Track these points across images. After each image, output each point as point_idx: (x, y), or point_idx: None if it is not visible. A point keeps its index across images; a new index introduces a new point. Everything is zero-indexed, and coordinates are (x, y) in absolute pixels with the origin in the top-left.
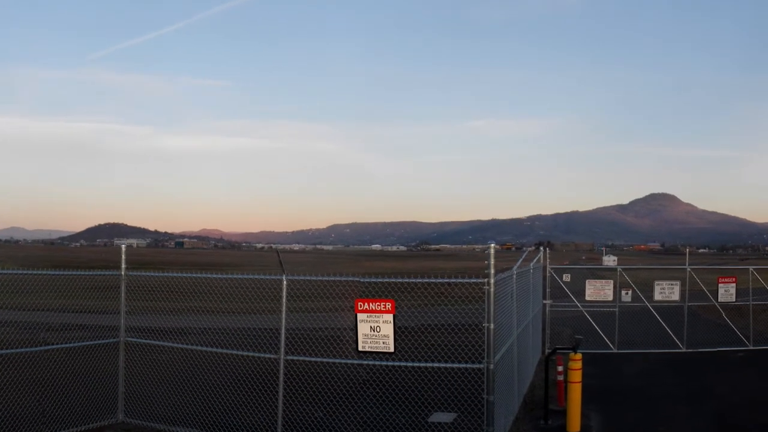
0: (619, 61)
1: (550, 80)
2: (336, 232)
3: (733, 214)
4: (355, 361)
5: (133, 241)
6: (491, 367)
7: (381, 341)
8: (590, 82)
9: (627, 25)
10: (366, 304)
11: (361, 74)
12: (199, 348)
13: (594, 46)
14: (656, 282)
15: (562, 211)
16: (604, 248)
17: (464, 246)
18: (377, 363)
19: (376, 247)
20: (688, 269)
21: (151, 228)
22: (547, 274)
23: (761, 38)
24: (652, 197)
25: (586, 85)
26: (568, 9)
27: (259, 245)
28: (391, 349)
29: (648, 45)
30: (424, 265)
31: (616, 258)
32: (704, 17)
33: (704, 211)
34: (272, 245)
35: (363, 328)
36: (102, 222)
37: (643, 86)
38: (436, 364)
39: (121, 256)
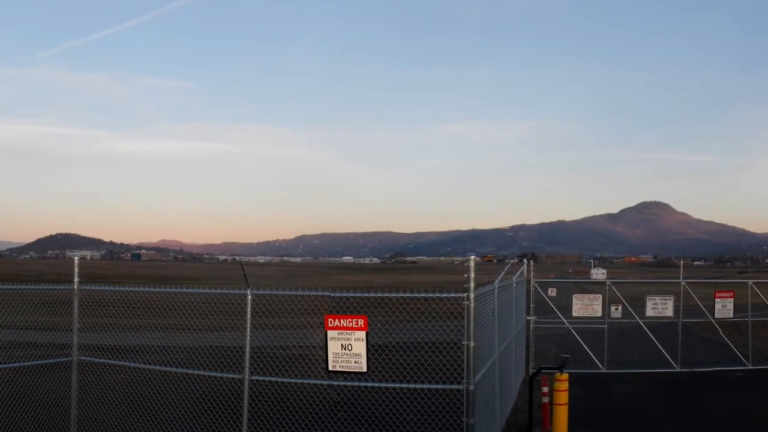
0: (608, 60)
1: (534, 81)
2: (304, 243)
3: (730, 224)
4: (325, 382)
5: (87, 253)
6: (471, 388)
7: (353, 360)
8: (577, 82)
9: (616, 22)
10: (337, 320)
11: (330, 74)
12: (158, 368)
13: (581, 44)
14: (648, 297)
15: (547, 220)
16: (592, 260)
17: (442, 258)
18: (349, 384)
19: (348, 259)
20: (683, 283)
21: (106, 239)
22: (531, 289)
23: (763, 34)
24: (644, 206)
25: (572, 85)
26: (553, 5)
27: (222, 257)
28: (364, 369)
29: (639, 42)
30: (399, 279)
31: (605, 271)
32: (700, 12)
33: (700, 221)
34: (236, 257)
35: (333, 347)
36: (53, 232)
37: (634, 86)
38: (411, 385)
39: (73, 269)
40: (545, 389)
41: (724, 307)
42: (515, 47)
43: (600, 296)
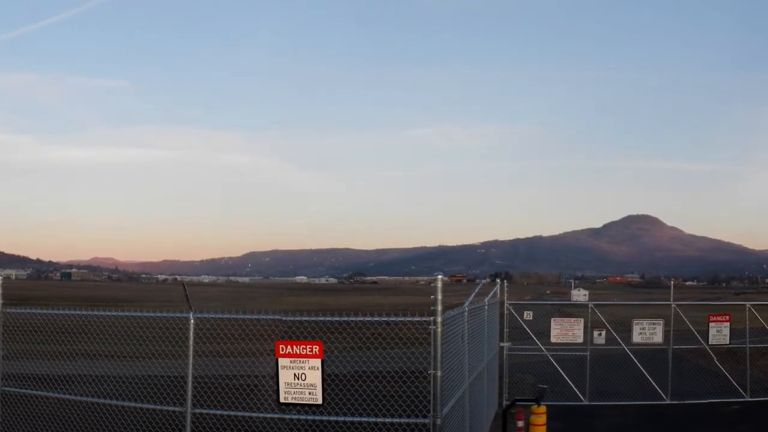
0: (590, 59)
1: (508, 81)
2: (253, 261)
3: (726, 240)
4: (276, 415)
5: (11, 272)
6: (438, 421)
7: (307, 391)
8: (556, 83)
9: (599, 18)
10: (289, 347)
11: (282, 74)
12: (90, 399)
13: (561, 41)
14: (635, 321)
15: (522, 236)
16: (573, 280)
17: (406, 278)
18: (302, 417)
19: (302, 278)
20: (673, 305)
21: (33, 256)
22: (505, 312)
23: (763, 30)
24: (631, 220)
25: (551, 86)
26: None
27: (162, 277)
28: (319, 401)
29: (625, 39)
30: (358, 301)
31: (587, 292)
32: (693, 7)
33: (692, 237)
34: (177, 277)
35: (285, 376)
36: None
37: (620, 88)
38: (373, 419)
39: None
40: (520, 423)
41: (720, 333)
42: (488, 44)
43: (581, 320)
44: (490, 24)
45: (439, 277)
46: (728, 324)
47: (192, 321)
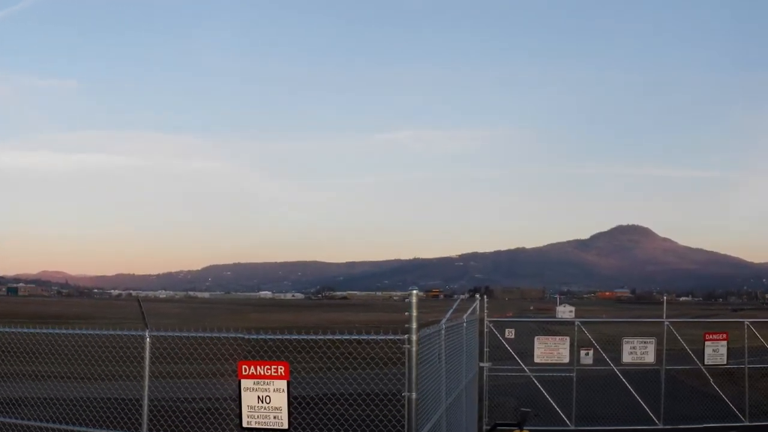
0: (578, 58)
1: (490, 81)
2: (214, 274)
3: (723, 252)
4: None
5: None
6: None
7: (272, 415)
8: (542, 84)
9: (589, 15)
10: (252, 367)
11: (245, 73)
12: (38, 424)
13: (547, 39)
14: (625, 339)
15: (504, 248)
16: (558, 296)
17: (379, 293)
18: None
19: (266, 294)
20: (666, 323)
21: None
22: (486, 330)
23: (760, 29)
24: (620, 230)
25: (536, 87)
26: None
27: (115, 292)
28: (285, 426)
29: (615, 36)
30: (327, 318)
31: (573, 308)
32: (687, 5)
33: (687, 249)
34: (132, 292)
35: (249, 399)
36: None
37: (609, 89)
38: None
39: None
40: None
41: (716, 352)
42: (467, 41)
43: (567, 339)
44: (469, 20)
45: (414, 292)
46: (725, 343)
47: (148, 339)
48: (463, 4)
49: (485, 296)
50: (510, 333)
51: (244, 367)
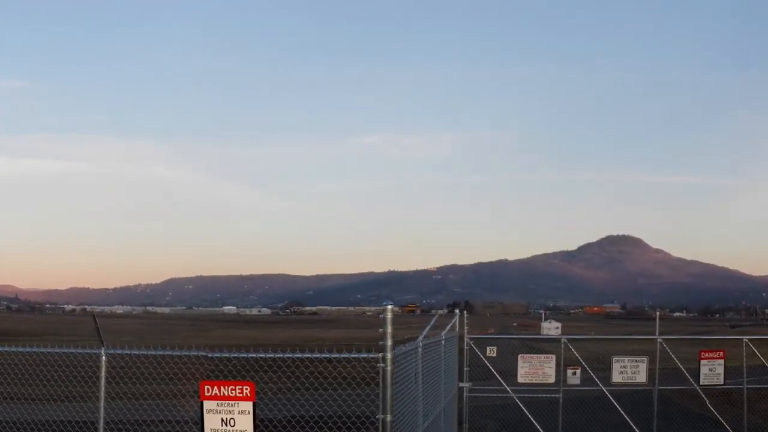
0: (565, 56)
1: (470, 81)
2: (174, 288)
3: (720, 265)
4: None
5: None
6: None
7: None
8: (526, 84)
9: (577, 11)
10: (216, 388)
11: (207, 72)
12: None
13: (532, 36)
14: (615, 358)
15: (485, 260)
16: (543, 311)
17: (351, 308)
18: None
19: (230, 309)
20: (659, 340)
21: None
22: (466, 347)
23: (760, 27)
24: (610, 241)
25: (520, 88)
26: None
27: (69, 307)
28: None
29: (605, 32)
30: (295, 335)
31: (559, 324)
32: (681, 2)
33: (681, 260)
34: (86, 307)
35: (212, 422)
36: None
37: (598, 89)
38: None
39: None
40: None
41: (712, 371)
42: (446, 38)
43: (553, 357)
44: (448, 16)
45: (389, 307)
46: (722, 361)
47: (104, 358)
48: (442, 2)
49: (465, 311)
50: (492, 351)
51: (206, 387)
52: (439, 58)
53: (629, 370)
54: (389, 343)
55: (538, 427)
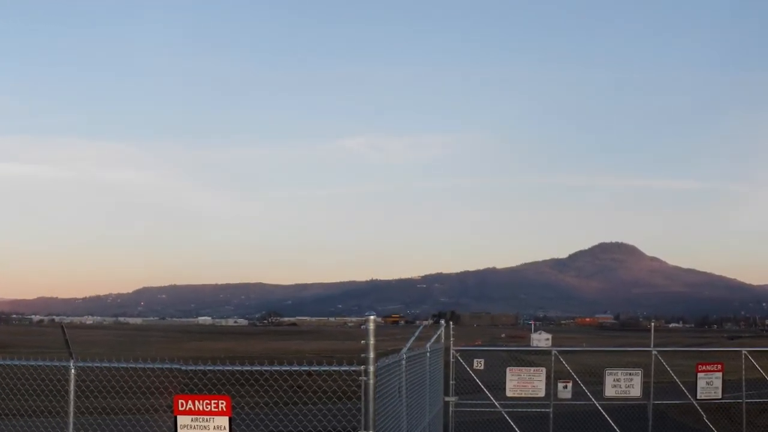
0: (555, 56)
1: (457, 81)
2: (147, 298)
3: (718, 274)
4: None
5: None
6: None
7: None
8: (515, 84)
9: (567, 7)
10: (190, 402)
11: (180, 72)
12: None
13: (520, 34)
14: (608, 371)
15: (472, 268)
16: (532, 322)
17: (331, 319)
18: None
19: (205, 319)
20: (654, 352)
21: None
22: (452, 360)
23: (759, 24)
24: (603, 249)
25: (508, 89)
26: None
27: (37, 317)
28: None
29: (598, 30)
30: (273, 347)
31: (550, 336)
32: None
33: (677, 269)
34: (55, 317)
35: None
36: None
37: (590, 89)
38: None
39: None
40: None
41: (710, 385)
42: (432, 36)
43: (543, 370)
44: (431, 15)
45: (372, 317)
46: (720, 375)
47: (73, 371)
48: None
49: (451, 322)
50: (479, 363)
51: (180, 401)
52: (423, 58)
53: (623, 384)
54: (372, 355)
55: None
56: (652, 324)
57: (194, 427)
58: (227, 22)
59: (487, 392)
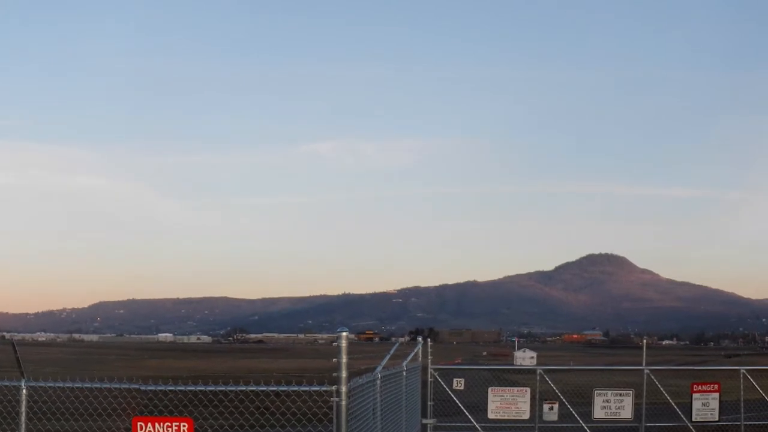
0: (541, 55)
1: (435, 81)
2: (103, 313)
3: (715, 287)
4: None
5: None
6: None
7: None
8: (498, 86)
9: (553, 3)
10: (150, 425)
11: (136, 73)
12: None
13: (504, 31)
14: (597, 391)
15: (451, 281)
16: (516, 339)
17: (301, 335)
18: None
19: (166, 336)
20: (646, 371)
21: None
22: (430, 379)
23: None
24: (591, 261)
25: (490, 89)
26: None
27: None
28: None
29: (586, 31)
30: (239, 365)
31: (535, 354)
32: None
33: (670, 282)
34: (5, 334)
35: None
36: None
37: (577, 90)
38: None
39: None
40: None
41: (706, 406)
42: (408, 33)
43: (527, 390)
44: (411, 12)
45: (344, 334)
46: (717, 395)
47: (24, 391)
48: None
49: (429, 339)
50: (459, 383)
51: (139, 424)
52: (400, 57)
53: (613, 405)
54: (344, 374)
55: None
56: (644, 341)
57: None
58: (189, 20)
59: (467, 414)
